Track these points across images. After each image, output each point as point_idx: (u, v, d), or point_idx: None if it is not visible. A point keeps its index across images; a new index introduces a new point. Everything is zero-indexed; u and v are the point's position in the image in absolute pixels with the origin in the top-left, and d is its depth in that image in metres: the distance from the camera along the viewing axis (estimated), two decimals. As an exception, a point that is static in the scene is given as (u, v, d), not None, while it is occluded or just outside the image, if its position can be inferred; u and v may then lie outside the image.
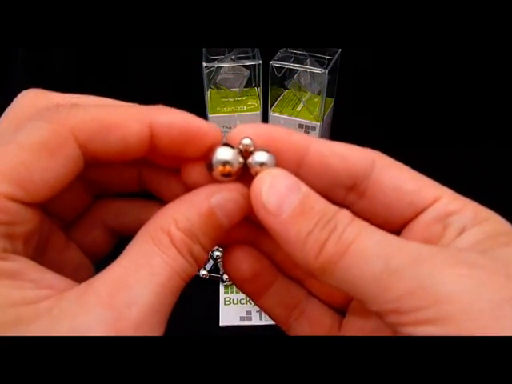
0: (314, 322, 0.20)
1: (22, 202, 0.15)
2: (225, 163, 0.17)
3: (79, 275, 0.19)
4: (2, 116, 0.17)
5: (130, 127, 0.16)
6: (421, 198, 0.17)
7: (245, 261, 0.19)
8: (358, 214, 0.18)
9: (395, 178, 0.17)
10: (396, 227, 0.18)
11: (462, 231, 0.16)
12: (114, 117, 0.16)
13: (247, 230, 0.19)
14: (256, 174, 0.17)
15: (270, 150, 0.17)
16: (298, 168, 0.17)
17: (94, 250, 0.21)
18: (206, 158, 0.17)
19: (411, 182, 0.17)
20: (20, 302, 0.13)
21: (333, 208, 0.16)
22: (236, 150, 0.17)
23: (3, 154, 0.15)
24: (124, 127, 0.16)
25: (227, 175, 0.17)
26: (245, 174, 0.17)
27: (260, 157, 0.17)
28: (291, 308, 0.20)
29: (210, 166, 0.17)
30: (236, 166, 0.17)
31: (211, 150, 0.17)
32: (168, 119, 0.16)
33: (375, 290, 0.14)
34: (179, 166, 0.18)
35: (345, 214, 0.15)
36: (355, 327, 0.20)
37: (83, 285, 0.14)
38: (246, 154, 0.17)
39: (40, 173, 0.15)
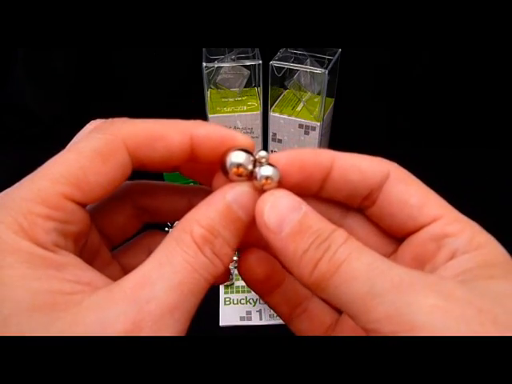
0: (314, 320, 0.22)
1: (78, 203, 0.17)
2: (238, 165, 0.18)
3: None
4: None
5: (173, 138, 0.18)
6: (421, 215, 0.18)
7: (259, 265, 0.21)
8: (370, 217, 0.20)
9: (402, 192, 0.19)
10: (399, 236, 0.19)
11: (453, 255, 0.17)
12: (159, 129, 0.18)
13: (259, 234, 0.20)
14: (261, 187, 0.18)
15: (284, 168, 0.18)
16: (323, 183, 0.19)
17: None
18: (221, 162, 0.18)
19: (416, 197, 0.18)
20: (57, 291, 0.15)
21: (329, 227, 0.17)
22: (249, 155, 0.18)
23: (65, 160, 0.17)
24: (168, 137, 0.18)
25: (241, 175, 0.18)
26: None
27: (265, 171, 0.18)
28: (295, 305, 0.23)
29: (224, 168, 0.18)
30: (249, 169, 0.18)
31: (225, 154, 0.18)
32: (206, 130, 0.19)
33: (360, 309, 0.15)
34: None
35: (340, 234, 0.16)
36: (348, 326, 0.22)
37: (114, 283, 0.16)
38: (258, 164, 0.18)
39: (95, 176, 0.17)
